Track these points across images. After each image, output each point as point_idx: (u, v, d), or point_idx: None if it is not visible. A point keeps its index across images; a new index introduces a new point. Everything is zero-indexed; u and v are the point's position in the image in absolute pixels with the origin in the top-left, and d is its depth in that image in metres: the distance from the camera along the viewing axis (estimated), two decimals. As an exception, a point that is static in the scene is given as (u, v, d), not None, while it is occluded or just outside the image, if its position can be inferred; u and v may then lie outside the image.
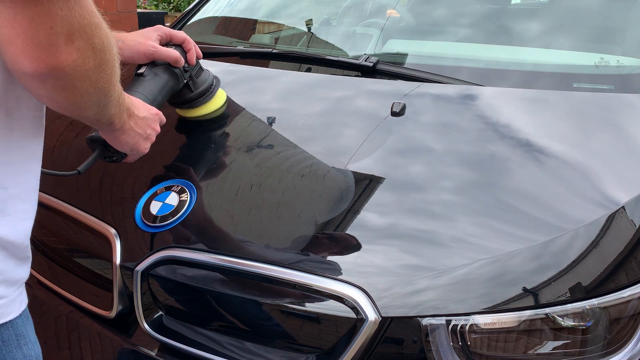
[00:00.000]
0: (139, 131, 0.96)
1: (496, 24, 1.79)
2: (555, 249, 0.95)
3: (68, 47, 0.62)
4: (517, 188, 1.07)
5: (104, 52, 0.68)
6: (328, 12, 2.21)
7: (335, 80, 1.46)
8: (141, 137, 0.98)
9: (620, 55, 1.52)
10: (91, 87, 0.69)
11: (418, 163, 1.16)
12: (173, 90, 1.22)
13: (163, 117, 1.08)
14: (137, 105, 0.97)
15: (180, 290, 1.04)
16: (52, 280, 1.21)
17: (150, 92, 1.13)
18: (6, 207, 0.72)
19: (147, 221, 1.07)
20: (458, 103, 1.31)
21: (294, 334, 0.98)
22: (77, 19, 0.61)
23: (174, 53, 1.18)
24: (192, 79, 1.27)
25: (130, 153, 1.02)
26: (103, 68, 0.69)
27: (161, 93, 1.16)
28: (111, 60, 0.71)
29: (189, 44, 1.24)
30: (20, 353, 0.75)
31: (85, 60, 0.65)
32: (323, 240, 1.01)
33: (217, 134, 1.33)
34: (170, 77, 1.19)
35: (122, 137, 0.93)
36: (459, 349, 0.91)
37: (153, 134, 1.03)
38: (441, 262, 0.94)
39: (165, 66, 1.19)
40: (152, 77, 1.16)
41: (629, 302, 0.93)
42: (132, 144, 0.97)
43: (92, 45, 0.65)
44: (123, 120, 0.89)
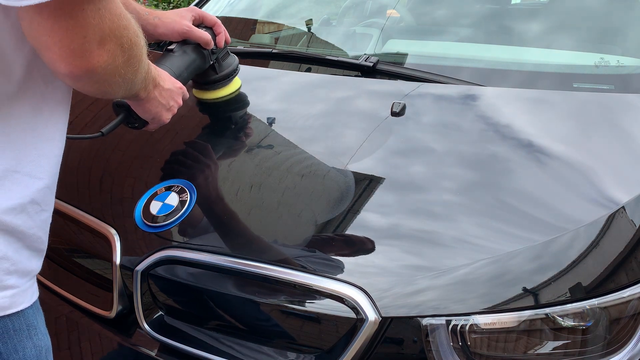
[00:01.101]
0: (162, 101, 1.02)
1: (496, 24, 1.79)
2: (556, 249, 0.95)
3: (100, 51, 0.67)
4: (518, 188, 1.07)
5: (132, 49, 0.73)
6: (328, 12, 2.21)
7: (335, 80, 1.46)
8: (164, 108, 1.04)
9: (620, 55, 1.52)
10: (120, 79, 0.75)
11: (418, 163, 1.16)
12: (199, 69, 1.27)
13: (186, 92, 1.14)
14: (164, 77, 1.03)
15: (180, 290, 1.04)
16: (52, 280, 1.21)
17: (177, 67, 1.18)
18: (37, 197, 0.74)
19: (147, 221, 1.07)
20: (458, 103, 1.31)
21: (294, 334, 0.98)
22: (108, 24, 0.66)
23: (206, 35, 1.24)
24: (218, 61, 1.32)
25: (152, 121, 1.07)
26: (131, 62, 0.75)
27: (187, 70, 1.21)
28: (138, 54, 0.76)
29: (220, 28, 1.30)
30: (30, 342, 0.77)
31: (115, 59, 0.70)
32: (323, 240, 1.01)
33: (217, 134, 1.33)
34: (197, 57, 1.24)
35: (146, 105, 1.00)
36: (459, 349, 0.91)
37: (175, 106, 1.08)
38: (442, 262, 0.94)
39: (195, 46, 1.24)
40: (181, 54, 1.21)
41: (629, 302, 0.93)
42: (154, 112, 1.03)
43: (121, 45, 0.70)
44: (148, 91, 0.96)
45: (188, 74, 1.22)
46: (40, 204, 0.75)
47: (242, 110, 1.40)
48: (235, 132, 1.33)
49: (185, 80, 1.21)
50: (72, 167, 1.29)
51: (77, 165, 1.30)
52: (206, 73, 1.33)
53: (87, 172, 1.27)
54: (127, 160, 1.28)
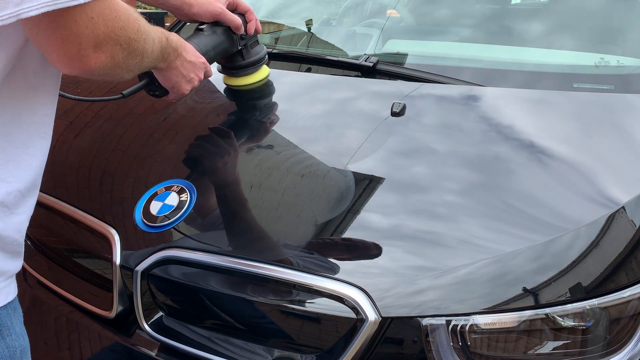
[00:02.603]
0: (183, 72, 1.08)
1: (496, 24, 1.79)
2: (556, 249, 0.95)
3: (96, 54, 0.71)
4: (518, 188, 1.07)
5: (131, 45, 0.77)
6: (328, 12, 2.21)
7: (335, 81, 1.46)
8: (184, 79, 1.09)
9: (620, 55, 1.52)
10: (124, 70, 0.80)
11: (418, 163, 1.16)
12: (226, 52, 1.31)
13: (209, 70, 1.18)
14: (188, 49, 1.08)
15: (180, 290, 1.04)
16: (52, 280, 1.21)
17: (204, 45, 1.22)
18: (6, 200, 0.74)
19: (147, 221, 1.07)
20: (458, 103, 1.31)
21: (294, 334, 0.98)
22: (102, 30, 0.70)
23: (237, 19, 1.29)
24: (247, 47, 1.36)
25: (172, 90, 1.11)
26: (132, 54, 0.79)
27: (214, 50, 1.25)
28: (140, 47, 0.80)
29: (252, 15, 1.35)
30: (3, 343, 0.76)
31: (114, 58, 0.74)
32: (323, 240, 1.01)
33: (216, 134, 1.33)
34: (226, 39, 1.29)
35: (167, 73, 1.06)
36: (459, 349, 0.91)
37: (195, 79, 1.13)
38: (443, 262, 0.94)
39: (225, 28, 1.28)
40: (210, 34, 1.25)
41: (629, 302, 0.93)
42: (174, 81, 1.08)
43: (119, 44, 0.74)
44: (170, 60, 1.01)
45: (215, 54, 1.26)
46: (10, 207, 0.75)
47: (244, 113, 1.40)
48: (235, 132, 1.33)
49: (211, 59, 1.24)
50: (72, 167, 1.29)
51: (77, 165, 1.30)
52: (233, 58, 1.36)
53: (87, 172, 1.27)
54: (127, 160, 1.28)
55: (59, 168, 1.31)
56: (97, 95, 1.46)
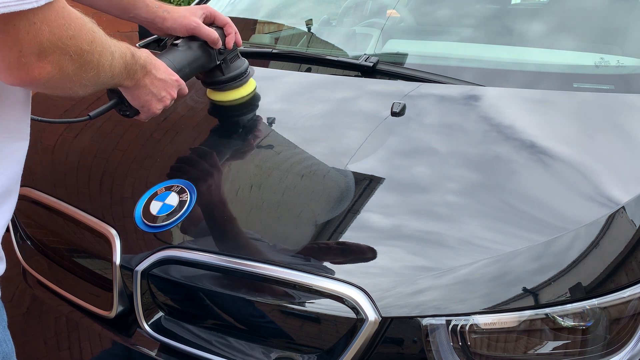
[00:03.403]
0: (153, 90, 1.01)
1: (496, 24, 1.79)
2: (556, 249, 0.95)
3: (41, 63, 0.66)
4: (518, 188, 1.07)
5: (83, 57, 0.71)
6: (328, 12, 2.21)
7: (335, 81, 1.46)
8: (154, 97, 1.03)
9: (620, 55, 1.52)
10: (76, 84, 0.74)
11: (418, 163, 1.16)
12: (203, 67, 1.25)
13: (184, 87, 1.12)
14: (158, 67, 1.02)
15: (180, 290, 1.04)
16: (52, 280, 1.21)
17: (178, 61, 1.16)
18: None
19: (147, 221, 1.07)
20: (458, 103, 1.31)
21: (294, 334, 0.98)
22: (47, 37, 0.65)
23: (213, 34, 1.22)
24: (226, 62, 1.30)
25: (142, 110, 1.06)
26: (85, 68, 0.73)
27: (189, 66, 1.19)
28: (94, 60, 0.74)
29: (230, 29, 1.29)
30: None
31: (62, 69, 0.69)
32: (323, 240, 1.01)
33: (217, 134, 1.33)
34: (202, 55, 1.23)
35: (135, 92, 0.99)
36: (459, 349, 0.91)
37: (167, 98, 1.06)
38: (443, 262, 0.94)
39: (201, 43, 1.22)
40: (185, 50, 1.19)
41: (629, 302, 0.93)
42: (144, 100, 1.02)
43: (68, 54, 0.68)
44: (137, 78, 0.95)
45: (191, 70, 1.20)
46: None
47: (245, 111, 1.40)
48: (235, 133, 1.33)
49: (187, 76, 1.19)
50: (72, 167, 1.29)
51: (77, 165, 1.30)
52: (212, 73, 1.31)
53: (87, 172, 1.27)
54: (127, 160, 1.28)
55: (59, 168, 1.31)
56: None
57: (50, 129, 1.42)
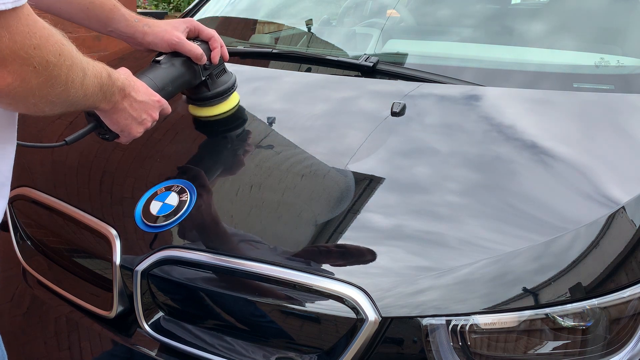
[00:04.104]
0: (133, 114, 0.96)
1: (496, 24, 1.79)
2: (556, 249, 0.95)
3: (0, 72, 0.62)
4: (518, 188, 1.07)
5: (49, 70, 0.66)
6: (328, 12, 2.21)
7: (335, 81, 1.46)
8: (134, 120, 0.97)
9: (620, 55, 1.52)
10: (40, 101, 0.68)
11: (417, 163, 1.16)
12: (188, 84, 1.20)
13: (167, 107, 1.07)
14: (137, 88, 0.96)
15: (180, 290, 1.04)
16: (52, 280, 1.21)
17: (161, 79, 1.11)
18: None
19: (147, 221, 1.07)
20: (458, 103, 1.31)
21: (294, 334, 0.98)
22: (6, 44, 0.61)
23: (197, 49, 1.17)
24: (212, 77, 1.25)
25: (122, 134, 1.00)
26: (51, 83, 0.68)
27: (173, 83, 1.14)
28: (62, 74, 0.69)
29: (215, 43, 1.23)
30: None
31: (24, 80, 0.64)
32: (323, 240, 1.01)
33: (216, 135, 1.33)
34: (186, 71, 1.18)
35: (114, 116, 0.94)
36: (459, 349, 0.91)
37: (148, 120, 1.01)
38: (443, 262, 0.94)
39: (185, 59, 1.17)
40: (168, 67, 1.14)
41: (629, 302, 0.93)
42: (123, 124, 0.96)
43: (31, 65, 0.64)
44: (114, 102, 0.90)
45: (174, 88, 1.15)
46: None
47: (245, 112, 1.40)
48: (235, 132, 1.33)
49: (170, 94, 1.13)
50: (72, 167, 1.29)
51: (77, 165, 1.30)
52: (198, 89, 1.25)
53: (87, 172, 1.27)
54: (127, 160, 1.28)
55: (59, 168, 1.31)
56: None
57: (50, 129, 1.42)
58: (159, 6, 9.12)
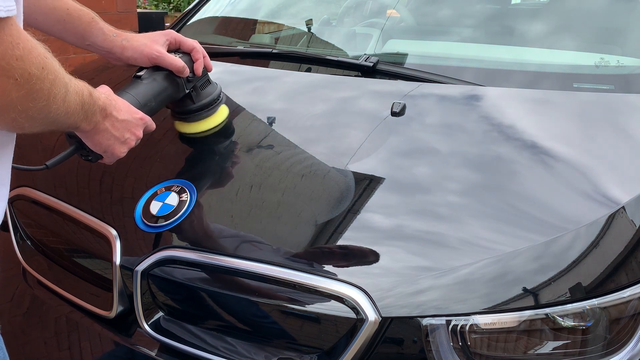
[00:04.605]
0: (115, 134, 0.93)
1: (496, 24, 1.79)
2: (556, 249, 0.95)
3: None
4: (518, 188, 1.07)
5: (31, 82, 0.64)
6: (328, 12, 2.21)
7: (335, 81, 1.46)
8: (117, 140, 0.94)
9: (620, 56, 1.52)
10: (21, 116, 0.66)
11: (417, 163, 1.16)
12: (171, 98, 1.17)
13: (151, 124, 1.03)
14: (119, 107, 0.93)
15: (180, 290, 1.04)
16: (52, 280, 1.21)
17: (143, 96, 1.07)
18: None
19: (147, 221, 1.07)
20: (458, 103, 1.31)
21: (294, 334, 0.98)
22: None
23: (178, 62, 1.13)
24: (196, 90, 1.21)
25: (105, 155, 0.97)
26: (33, 97, 0.66)
27: (156, 99, 1.10)
28: (45, 88, 0.67)
29: (197, 54, 1.19)
30: None
31: (4, 93, 0.62)
32: (323, 240, 1.01)
33: (216, 135, 1.33)
34: (169, 85, 1.14)
35: (95, 137, 0.91)
36: (459, 349, 0.91)
37: (132, 139, 0.98)
38: (443, 262, 0.94)
39: (167, 73, 1.14)
40: (149, 82, 1.11)
41: (629, 302, 0.93)
42: (106, 145, 0.93)
43: (12, 77, 0.62)
44: (95, 122, 0.87)
45: (157, 104, 1.11)
46: None
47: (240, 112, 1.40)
48: (235, 132, 1.33)
49: (153, 110, 1.10)
50: (72, 167, 1.29)
51: (77, 165, 1.30)
52: (182, 102, 1.21)
53: (87, 172, 1.27)
54: (127, 160, 1.27)
55: (59, 168, 1.31)
56: None
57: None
58: (159, 6, 9.13)
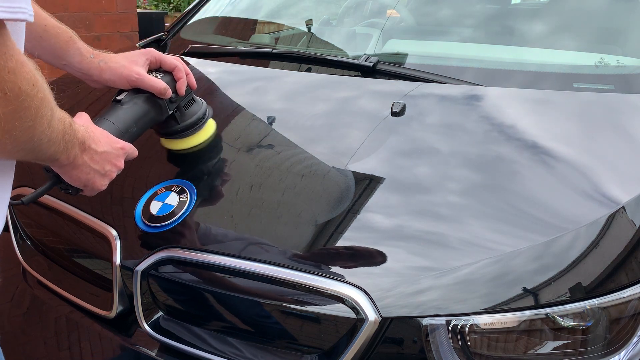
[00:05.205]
0: (94, 167, 0.87)
1: (496, 24, 1.79)
2: (556, 249, 0.95)
3: None
4: (518, 188, 1.07)
5: (20, 98, 0.61)
6: (328, 12, 2.21)
7: (335, 81, 1.46)
8: (97, 174, 0.89)
9: (620, 56, 1.52)
10: (4, 136, 0.62)
11: (417, 163, 1.16)
12: (154, 121, 1.10)
13: (132, 152, 0.99)
14: (97, 139, 0.88)
15: (180, 290, 1.04)
16: (52, 280, 1.21)
17: (123, 122, 1.02)
18: None
19: (147, 221, 1.07)
20: (458, 103, 1.31)
21: (294, 334, 0.98)
22: None
23: (159, 84, 1.06)
24: (180, 110, 1.15)
25: (85, 189, 0.92)
26: (20, 116, 0.62)
27: (137, 124, 1.05)
28: (33, 107, 0.63)
29: (180, 72, 1.12)
30: None
31: None
32: (323, 240, 1.01)
33: (216, 135, 1.33)
34: (151, 108, 1.08)
35: (73, 172, 0.85)
36: (459, 349, 0.91)
37: (113, 171, 0.93)
38: (444, 262, 0.94)
39: (149, 95, 1.07)
40: (130, 106, 1.05)
41: (629, 302, 0.93)
42: (85, 179, 0.87)
43: (1, 91, 0.58)
44: (73, 156, 0.81)
45: (138, 129, 1.05)
46: None
47: (240, 112, 1.40)
48: (235, 132, 1.33)
49: (135, 136, 1.05)
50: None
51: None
52: (167, 123, 1.15)
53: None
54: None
55: (59, 168, 1.31)
56: None
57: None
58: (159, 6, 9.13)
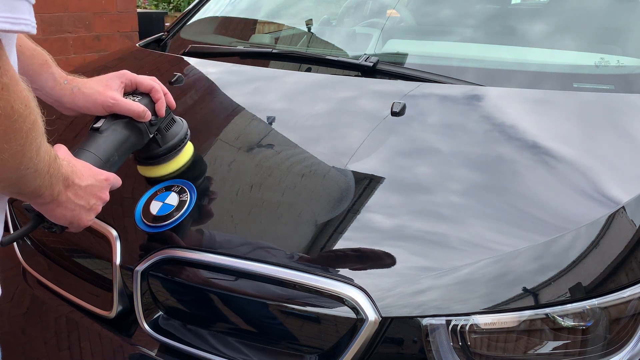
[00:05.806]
0: (79, 202, 0.83)
1: (496, 24, 1.79)
2: (556, 248, 0.95)
3: None
4: (518, 188, 1.07)
5: (12, 120, 0.57)
6: (328, 12, 2.21)
7: (335, 80, 1.46)
8: (83, 209, 0.85)
9: (620, 55, 1.52)
10: None
11: (417, 163, 1.16)
12: (135, 147, 1.06)
13: (116, 182, 0.95)
14: (80, 173, 0.84)
15: (180, 290, 1.04)
16: (52, 280, 1.21)
17: (104, 151, 0.97)
18: None
19: (147, 221, 1.07)
20: (458, 103, 1.31)
21: (294, 334, 0.98)
22: None
23: (137, 107, 1.01)
24: (161, 132, 1.10)
25: (71, 226, 0.88)
26: (9, 138, 0.59)
27: (118, 152, 1.00)
28: (24, 129, 0.60)
29: (157, 93, 1.06)
30: None
31: None
32: (323, 240, 1.01)
33: (216, 135, 1.33)
34: (131, 134, 1.03)
35: (57, 210, 0.80)
36: (459, 349, 0.91)
37: (99, 204, 0.89)
38: (444, 262, 0.94)
39: (127, 120, 1.02)
40: (109, 133, 1.00)
41: (629, 302, 0.93)
42: (70, 217, 0.83)
43: None
44: (57, 192, 0.77)
45: (120, 157, 1.01)
46: None
47: (240, 112, 1.40)
48: (235, 132, 1.33)
49: (117, 164, 1.01)
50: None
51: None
52: (148, 147, 1.09)
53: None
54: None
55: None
56: None
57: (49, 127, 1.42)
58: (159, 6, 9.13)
